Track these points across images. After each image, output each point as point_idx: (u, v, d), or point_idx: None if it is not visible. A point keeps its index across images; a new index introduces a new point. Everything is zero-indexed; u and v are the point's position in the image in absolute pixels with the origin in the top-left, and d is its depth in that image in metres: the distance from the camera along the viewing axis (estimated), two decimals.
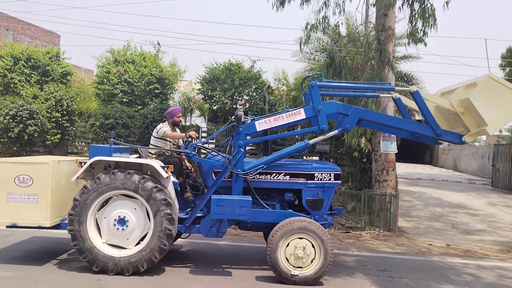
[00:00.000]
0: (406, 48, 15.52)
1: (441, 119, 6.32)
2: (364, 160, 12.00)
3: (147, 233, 5.72)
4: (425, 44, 8.97)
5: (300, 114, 6.14)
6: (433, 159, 35.91)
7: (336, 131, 6.10)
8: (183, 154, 6.44)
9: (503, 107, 5.77)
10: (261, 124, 6.15)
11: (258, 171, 6.09)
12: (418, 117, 16.90)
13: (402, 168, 24.59)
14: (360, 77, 9.69)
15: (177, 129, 7.03)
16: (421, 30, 8.87)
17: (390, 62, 9.72)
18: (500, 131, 42.32)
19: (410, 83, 17.18)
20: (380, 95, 6.67)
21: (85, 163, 5.85)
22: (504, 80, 5.92)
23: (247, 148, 7.54)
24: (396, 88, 6.34)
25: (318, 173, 6.20)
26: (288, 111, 6.19)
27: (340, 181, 6.43)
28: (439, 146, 35.17)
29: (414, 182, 19.37)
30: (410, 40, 9.06)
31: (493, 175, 19.37)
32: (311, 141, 6.11)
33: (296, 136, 12.62)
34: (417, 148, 35.12)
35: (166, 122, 6.93)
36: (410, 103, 6.47)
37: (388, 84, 6.47)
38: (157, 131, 6.67)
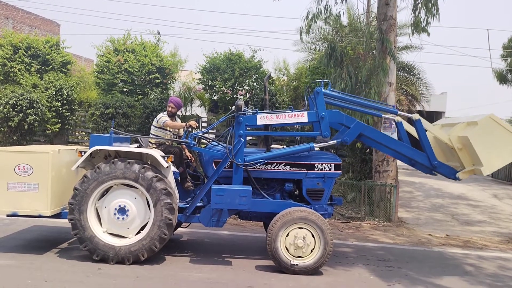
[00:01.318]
0: (410, 38, 15.44)
1: (438, 150, 6.35)
2: (367, 150, 11.97)
3: (147, 222, 5.73)
4: (428, 34, 8.92)
5: (302, 117, 6.15)
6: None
7: (335, 141, 6.10)
8: (183, 143, 6.43)
9: (501, 150, 5.77)
10: (262, 119, 6.13)
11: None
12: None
13: None
14: (362, 67, 9.62)
15: (178, 119, 7.01)
16: (424, 19, 8.80)
17: (392, 52, 9.66)
18: None
19: (411, 73, 17.11)
20: (383, 115, 6.62)
21: (85, 152, 5.84)
22: (505, 123, 5.92)
23: (248, 138, 7.51)
24: (399, 112, 6.32)
25: (319, 163, 6.19)
26: (292, 112, 6.19)
27: (341, 171, 6.42)
28: None
29: (414, 173, 19.32)
30: (413, 30, 9.00)
31: None
32: (316, 146, 6.09)
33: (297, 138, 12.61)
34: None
35: (166, 112, 6.92)
36: (410, 129, 6.46)
37: (392, 107, 6.45)
38: (157, 121, 6.66)
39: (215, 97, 15.43)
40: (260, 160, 6.06)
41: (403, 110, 16.08)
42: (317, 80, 6.81)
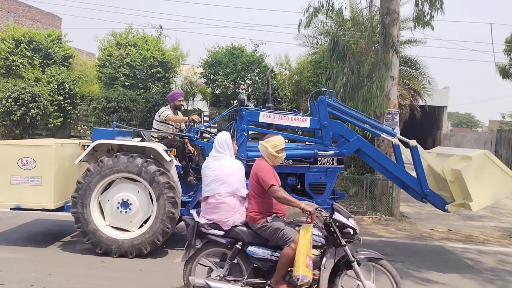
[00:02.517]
0: (413, 32, 15.35)
1: (431, 178, 6.38)
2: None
3: (150, 216, 5.75)
4: (432, 28, 8.87)
5: (305, 122, 6.18)
6: (435, 144, 35.82)
7: (333, 152, 6.10)
8: (185, 137, 6.44)
9: (492, 187, 5.80)
10: (265, 117, 6.14)
11: None
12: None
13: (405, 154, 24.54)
14: (365, 61, 9.58)
15: (179, 113, 7.01)
16: (427, 13, 8.76)
17: (395, 46, 9.62)
18: (503, 116, 42.17)
19: (414, 67, 17.06)
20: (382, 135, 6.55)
21: (88, 146, 5.85)
22: (499, 161, 5.91)
23: (250, 132, 7.51)
24: (397, 135, 6.32)
25: (321, 157, 6.19)
26: (295, 115, 6.21)
27: (343, 166, 6.43)
28: (441, 131, 35.10)
29: None
30: (417, 23, 8.95)
31: None
32: (320, 153, 6.09)
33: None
34: (419, 133, 35.09)
35: (168, 105, 6.92)
36: (406, 152, 6.46)
37: (392, 129, 6.47)
38: (159, 115, 6.66)
39: (217, 91, 15.42)
40: None
41: (405, 105, 16.09)
42: (322, 89, 6.84)
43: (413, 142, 6.07)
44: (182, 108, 7.18)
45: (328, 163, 6.20)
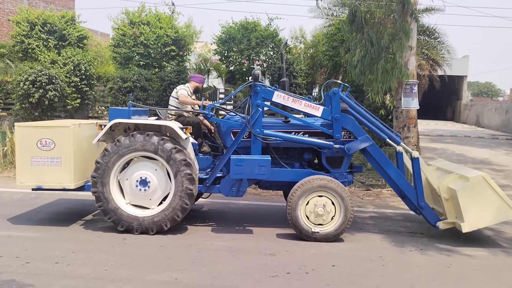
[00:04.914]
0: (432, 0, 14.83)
1: (427, 191, 6.29)
2: (388, 117, 11.78)
3: (168, 193, 5.80)
4: None
5: (317, 111, 6.09)
6: (455, 115, 35.18)
7: (338, 146, 6.01)
8: (201, 114, 6.43)
9: (486, 211, 5.67)
10: (279, 96, 6.08)
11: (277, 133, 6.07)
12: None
13: (423, 125, 24.18)
14: (383, 31, 9.34)
15: (193, 96, 7.02)
16: None
17: (414, 14, 9.35)
18: None
19: (432, 36, 16.60)
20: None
21: (105, 125, 5.89)
22: (496, 185, 5.74)
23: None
24: (401, 143, 6.23)
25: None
26: (309, 102, 6.13)
27: None
28: (461, 101, 34.40)
29: (436, 139, 19.07)
30: None
31: None
32: (335, 145, 6.01)
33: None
34: (439, 104, 34.50)
35: (188, 84, 6.95)
36: (407, 162, 6.37)
37: (397, 136, 6.35)
38: (177, 92, 6.70)
39: (231, 68, 15.32)
40: (277, 138, 6.04)
41: (424, 75, 15.74)
42: (336, 81, 6.69)
43: (415, 154, 6.01)
44: (199, 90, 7.23)
45: (345, 137, 6.14)
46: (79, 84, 14.31)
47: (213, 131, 6.96)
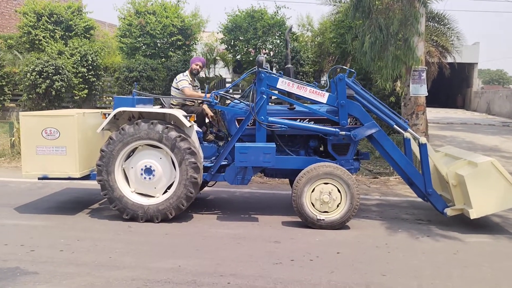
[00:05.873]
0: None
1: (435, 177, 6.17)
2: (400, 104, 11.63)
3: (173, 181, 5.80)
4: None
5: (322, 97, 6.01)
6: (466, 103, 34.77)
7: (344, 133, 5.93)
8: (205, 102, 6.39)
9: (495, 197, 5.56)
10: (283, 83, 6.01)
11: (282, 120, 6.01)
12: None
13: (433, 113, 23.93)
14: (393, 17, 9.19)
15: (196, 86, 6.98)
16: None
17: None
18: None
19: (442, 23, 16.32)
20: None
21: (109, 114, 5.88)
22: (505, 171, 5.61)
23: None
24: (408, 129, 6.15)
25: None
26: (314, 88, 6.04)
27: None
28: (471, 89, 33.96)
29: (446, 126, 18.87)
30: None
31: None
32: (341, 132, 5.94)
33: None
34: (448, 92, 34.09)
35: (187, 71, 6.91)
36: (414, 148, 6.29)
37: (405, 122, 6.25)
38: (177, 82, 6.69)
39: (238, 57, 15.22)
40: (282, 126, 5.99)
41: (433, 63, 15.51)
42: (343, 67, 6.63)
43: (422, 140, 5.91)
44: (204, 75, 7.15)
45: (351, 123, 6.07)
46: (86, 74, 14.35)
47: (214, 118, 6.93)
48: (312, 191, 5.65)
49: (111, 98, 15.68)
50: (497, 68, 79.42)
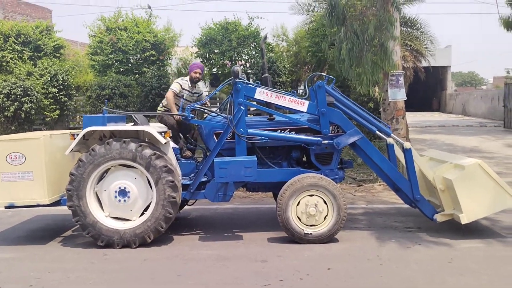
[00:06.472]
0: None
1: (422, 182, 5.98)
2: (379, 110, 11.55)
3: (150, 202, 5.46)
4: None
5: (302, 106, 5.78)
6: (441, 105, 35.32)
7: (327, 141, 5.70)
8: (180, 117, 6.09)
9: (485, 199, 5.41)
10: (262, 93, 5.78)
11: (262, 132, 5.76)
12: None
13: (410, 117, 24.00)
14: (368, 23, 9.11)
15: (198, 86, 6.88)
16: None
17: (396, 3, 9.14)
18: (508, 71, 41.21)
19: (415, 27, 16.46)
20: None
21: (78, 135, 5.53)
22: (493, 172, 5.49)
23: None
24: (391, 134, 5.98)
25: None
26: (293, 97, 5.82)
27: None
28: (446, 91, 34.50)
29: (424, 130, 18.98)
30: None
31: (505, 116, 18.91)
32: (324, 141, 5.70)
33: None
34: (424, 95, 34.53)
35: (187, 77, 6.76)
36: (399, 154, 6.12)
37: (388, 127, 6.11)
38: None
39: (214, 70, 15.00)
40: (263, 138, 5.73)
41: (409, 67, 15.57)
42: (322, 74, 6.44)
43: (407, 145, 5.73)
44: (200, 81, 6.94)
45: (333, 131, 5.86)
46: (57, 95, 13.87)
47: (192, 134, 6.70)
48: (298, 204, 5.39)
49: None
50: (469, 70, 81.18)
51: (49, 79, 13.79)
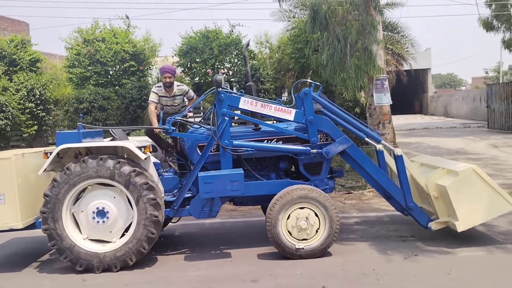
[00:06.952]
0: None
1: (414, 189, 5.78)
2: (365, 115, 11.38)
3: (131, 222, 5.13)
4: None
5: (289, 114, 5.55)
6: (423, 108, 35.60)
7: (316, 151, 5.48)
8: (161, 130, 5.79)
9: (480, 206, 5.23)
10: (246, 103, 5.52)
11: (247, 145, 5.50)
12: None
13: (394, 120, 24.01)
14: (350, 27, 8.97)
15: (175, 87, 6.61)
16: None
17: (378, 6, 9.03)
18: (487, 72, 41.78)
19: (395, 31, 16.45)
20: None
21: (51, 153, 5.18)
22: (488, 177, 5.30)
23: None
24: (382, 141, 5.78)
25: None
26: (279, 106, 5.57)
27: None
28: (427, 94, 34.79)
29: (409, 133, 18.96)
30: None
31: (488, 116, 18.99)
32: (312, 150, 5.48)
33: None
34: (406, 98, 34.74)
35: (161, 82, 6.62)
36: (390, 161, 5.97)
37: (377, 133, 5.93)
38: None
39: (196, 80, 14.73)
40: (249, 149, 5.47)
41: (391, 71, 15.54)
42: (307, 80, 6.21)
43: (398, 151, 5.53)
44: (171, 85, 6.56)
45: (322, 140, 5.62)
46: (34, 110, 13.44)
47: (173, 148, 6.41)
48: (288, 218, 5.12)
49: None
50: (447, 72, 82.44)
51: (26, 94, 13.36)
